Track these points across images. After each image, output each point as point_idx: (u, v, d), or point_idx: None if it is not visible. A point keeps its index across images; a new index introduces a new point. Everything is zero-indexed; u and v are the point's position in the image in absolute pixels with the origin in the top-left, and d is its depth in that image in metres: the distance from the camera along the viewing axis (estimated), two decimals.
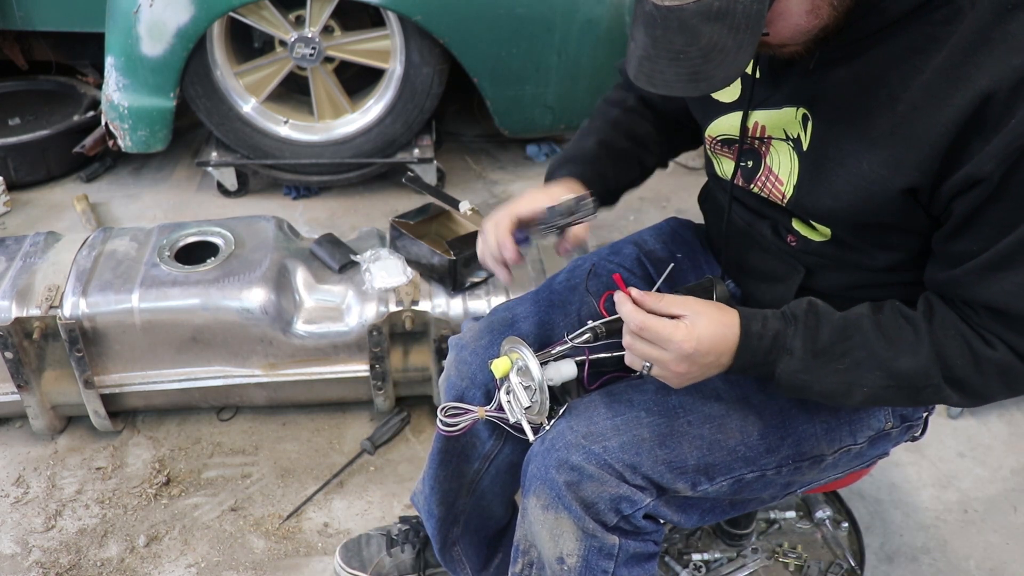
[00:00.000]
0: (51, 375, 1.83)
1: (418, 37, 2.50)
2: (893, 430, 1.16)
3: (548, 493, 1.04)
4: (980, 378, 0.93)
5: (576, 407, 1.09)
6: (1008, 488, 1.83)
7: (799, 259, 1.09)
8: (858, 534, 1.69)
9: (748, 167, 1.08)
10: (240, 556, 1.67)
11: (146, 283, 1.79)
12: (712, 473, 1.05)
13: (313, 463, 1.87)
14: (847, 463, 1.16)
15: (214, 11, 2.41)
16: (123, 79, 2.49)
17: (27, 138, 2.78)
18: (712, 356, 0.95)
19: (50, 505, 1.76)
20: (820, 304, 0.98)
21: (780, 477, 1.09)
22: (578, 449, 1.03)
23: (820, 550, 1.67)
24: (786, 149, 1.01)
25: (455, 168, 3.03)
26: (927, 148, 0.86)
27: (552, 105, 2.70)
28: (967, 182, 0.84)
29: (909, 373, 0.93)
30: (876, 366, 0.94)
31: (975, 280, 0.90)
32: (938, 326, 0.93)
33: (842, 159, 0.93)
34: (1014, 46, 0.81)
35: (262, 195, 2.86)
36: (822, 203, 0.98)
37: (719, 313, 0.96)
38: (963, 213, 0.88)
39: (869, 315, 0.96)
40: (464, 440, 1.32)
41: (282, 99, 2.77)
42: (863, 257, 1.03)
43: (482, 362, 1.22)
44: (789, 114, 0.99)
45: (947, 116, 0.83)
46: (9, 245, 1.94)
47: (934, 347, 0.92)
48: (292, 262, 1.88)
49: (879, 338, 0.94)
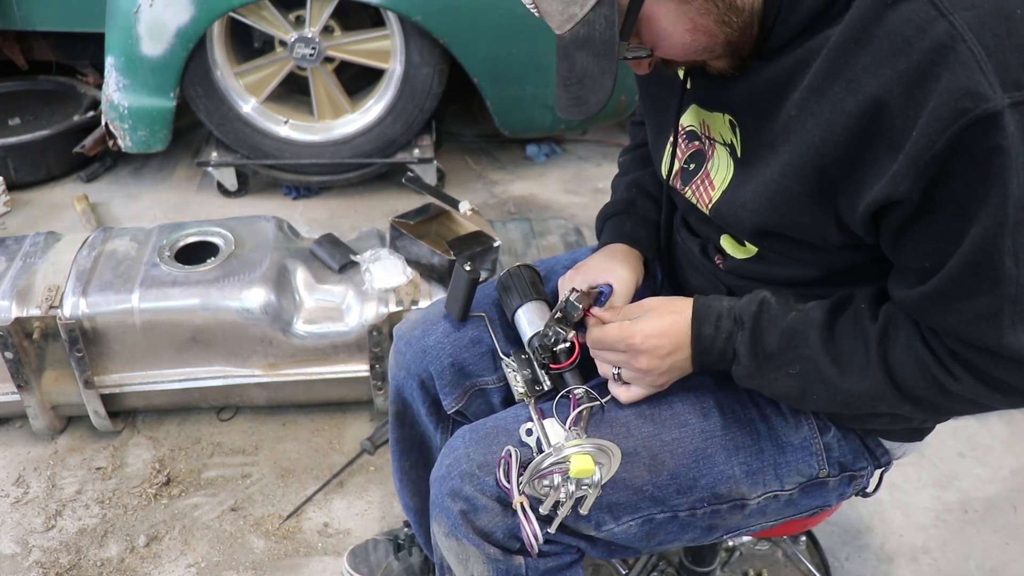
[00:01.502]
0: (51, 375, 1.83)
1: (418, 37, 2.50)
2: (830, 479, 1.06)
3: (447, 521, 1.01)
4: (945, 403, 0.87)
5: (478, 432, 1.04)
6: (1008, 488, 1.83)
7: (721, 279, 1.05)
8: (816, 545, 1.68)
9: (690, 169, 1.04)
10: (240, 556, 1.67)
11: (146, 283, 1.79)
12: (617, 512, 1.00)
13: (313, 463, 1.87)
14: (778, 510, 1.07)
15: (214, 11, 2.41)
16: (123, 79, 2.49)
17: (27, 138, 2.78)
18: (666, 347, 0.96)
19: (50, 505, 1.76)
20: (772, 304, 0.94)
21: (697, 520, 1.03)
22: (471, 479, 0.99)
23: (784, 569, 1.66)
24: (724, 154, 0.97)
25: (455, 168, 3.03)
26: (825, 155, 0.81)
27: (552, 105, 2.69)
28: (887, 200, 0.78)
29: (856, 393, 0.89)
30: (820, 381, 0.90)
31: (931, 307, 0.83)
32: (898, 348, 0.86)
33: (757, 168, 0.90)
34: (897, 46, 0.74)
35: (262, 195, 2.86)
36: (735, 212, 0.94)
37: (669, 304, 0.98)
38: (895, 228, 0.81)
39: (820, 325, 0.90)
40: (418, 431, 1.32)
41: (282, 99, 2.77)
42: (786, 274, 0.97)
43: (415, 352, 1.22)
44: (719, 119, 0.97)
45: (841, 123, 0.78)
46: (9, 245, 1.94)
47: (887, 372, 0.87)
48: (292, 262, 1.88)
49: (824, 354, 0.89)
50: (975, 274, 0.77)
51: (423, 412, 1.28)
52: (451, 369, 1.20)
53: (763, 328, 0.93)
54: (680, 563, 1.49)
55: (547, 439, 0.97)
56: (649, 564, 1.56)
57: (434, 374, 1.21)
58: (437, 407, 1.26)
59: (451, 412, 1.23)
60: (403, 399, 1.30)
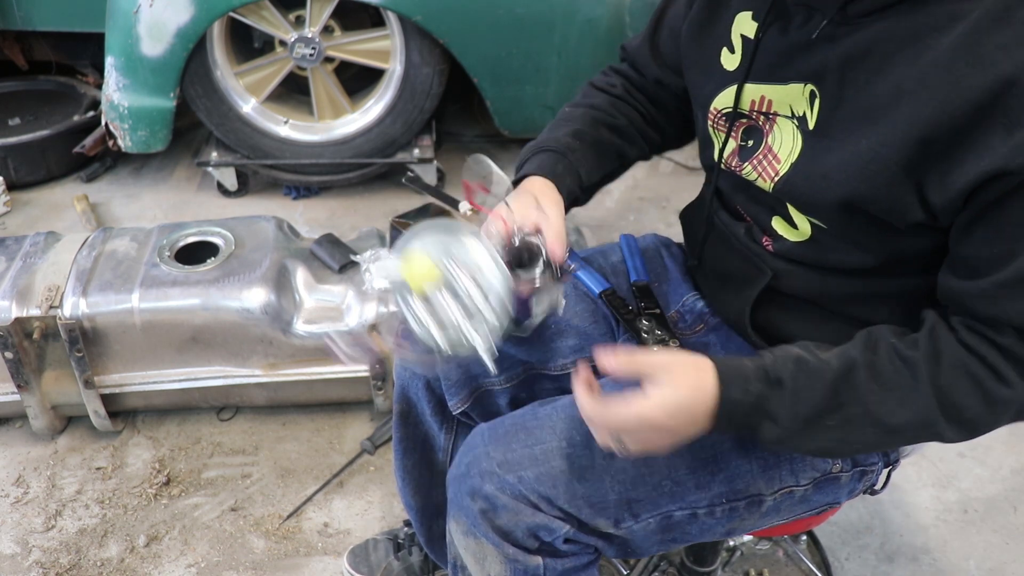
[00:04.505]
0: (51, 375, 1.83)
1: (418, 37, 2.50)
2: (843, 474, 1.06)
3: (465, 520, 1.01)
4: (992, 417, 0.85)
5: (496, 431, 1.02)
6: (1008, 488, 1.83)
7: (768, 263, 1.02)
8: (817, 544, 1.68)
9: (748, 146, 1.00)
10: (240, 556, 1.67)
11: (146, 283, 1.79)
12: (636, 509, 0.99)
13: (313, 463, 1.87)
14: (791, 507, 1.06)
15: (214, 11, 2.41)
16: (123, 79, 2.49)
17: (27, 138, 2.77)
18: (684, 421, 0.85)
19: (50, 505, 1.76)
20: (810, 360, 0.86)
21: (714, 519, 1.02)
22: (492, 478, 0.98)
23: (785, 568, 1.66)
24: (790, 128, 0.94)
25: (455, 168, 3.03)
26: (936, 128, 0.79)
27: (552, 105, 2.69)
28: (990, 174, 0.77)
29: (906, 425, 0.85)
30: (870, 423, 0.85)
31: (1004, 294, 0.80)
32: (947, 369, 0.83)
33: (844, 138, 0.87)
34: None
35: (262, 195, 2.86)
36: (813, 185, 0.90)
37: (693, 374, 0.85)
38: (981, 207, 0.80)
39: (864, 364, 0.85)
40: (422, 430, 1.31)
41: (282, 99, 2.77)
42: (839, 259, 0.95)
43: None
44: (796, 90, 0.92)
45: (962, 97, 0.77)
46: (9, 245, 1.94)
47: (938, 394, 0.83)
48: (292, 262, 1.88)
49: (873, 391, 0.84)
50: None
51: (428, 412, 1.27)
52: (457, 370, 1.19)
53: (805, 385, 0.85)
54: (681, 563, 1.49)
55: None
56: (651, 564, 1.56)
57: (440, 375, 1.20)
58: (442, 407, 1.25)
59: (456, 413, 1.23)
60: (408, 398, 1.29)
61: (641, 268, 1.24)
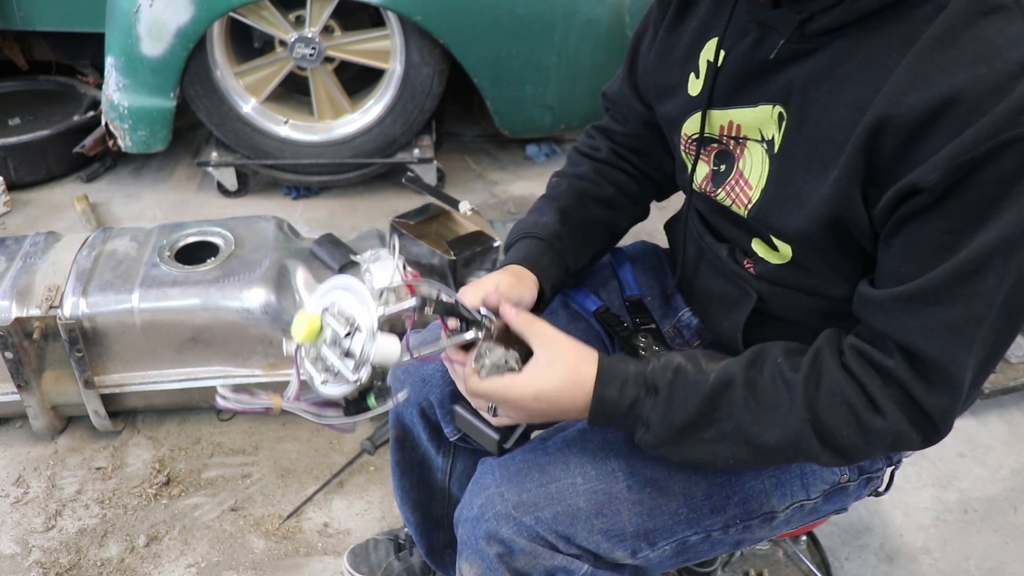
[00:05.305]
0: (51, 375, 1.83)
1: (418, 37, 2.50)
2: (850, 483, 1.08)
3: (481, 564, 0.98)
4: (866, 447, 0.86)
5: (508, 468, 1.00)
6: (1008, 488, 1.83)
7: (752, 284, 1.01)
8: (817, 544, 1.68)
9: (720, 171, 1.00)
10: (240, 556, 1.67)
11: (146, 283, 1.79)
12: (653, 538, 0.98)
13: (313, 463, 1.87)
14: (800, 519, 1.08)
15: (214, 11, 2.41)
16: (123, 79, 2.49)
17: (27, 138, 2.78)
18: (553, 408, 0.90)
19: (50, 505, 1.76)
20: (690, 371, 0.89)
21: (728, 536, 1.03)
22: (508, 521, 0.96)
23: (785, 568, 1.66)
24: (760, 152, 0.93)
25: (455, 168, 3.03)
26: (883, 146, 0.79)
27: (552, 105, 2.70)
28: (907, 188, 0.77)
29: (778, 446, 0.86)
30: (743, 440, 0.87)
31: (899, 308, 0.81)
32: (824, 395, 0.84)
33: (808, 162, 0.86)
34: (983, 53, 0.74)
35: (262, 195, 2.86)
36: (785, 210, 0.90)
37: (575, 361, 0.89)
38: (897, 223, 0.80)
39: (743, 381, 0.87)
40: (419, 453, 1.30)
41: (282, 99, 2.78)
42: (820, 283, 0.95)
43: (415, 381, 1.18)
44: (765, 112, 0.91)
45: (904, 116, 0.76)
46: (9, 245, 1.94)
47: (812, 419, 0.84)
48: (292, 262, 1.88)
49: (749, 409, 0.86)
50: (960, 282, 0.77)
51: (424, 437, 1.26)
52: (452, 397, 1.17)
53: (681, 395, 0.88)
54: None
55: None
56: None
57: (434, 402, 1.19)
58: (438, 433, 1.24)
59: (453, 439, 1.22)
60: (403, 425, 1.28)
61: (633, 282, 1.23)
